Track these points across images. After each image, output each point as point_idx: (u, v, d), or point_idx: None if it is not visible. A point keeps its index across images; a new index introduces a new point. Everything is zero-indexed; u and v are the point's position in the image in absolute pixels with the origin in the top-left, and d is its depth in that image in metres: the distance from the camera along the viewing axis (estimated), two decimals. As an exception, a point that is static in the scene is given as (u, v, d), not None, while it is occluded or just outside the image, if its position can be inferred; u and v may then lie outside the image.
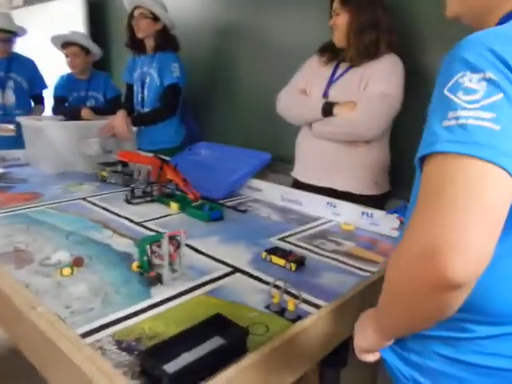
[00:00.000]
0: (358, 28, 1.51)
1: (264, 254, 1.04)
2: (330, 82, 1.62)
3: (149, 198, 1.52)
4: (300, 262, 1.00)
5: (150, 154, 1.79)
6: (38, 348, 0.66)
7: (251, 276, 0.96)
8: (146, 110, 2.35)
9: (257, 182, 1.64)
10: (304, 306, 0.82)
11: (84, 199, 1.51)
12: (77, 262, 0.96)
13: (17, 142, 2.29)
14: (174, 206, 1.44)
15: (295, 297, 0.82)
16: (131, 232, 1.21)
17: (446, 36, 1.54)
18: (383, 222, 1.25)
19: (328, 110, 1.55)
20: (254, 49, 2.30)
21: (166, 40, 2.25)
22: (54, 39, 2.52)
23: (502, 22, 0.59)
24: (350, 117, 1.51)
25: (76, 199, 1.51)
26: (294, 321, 0.77)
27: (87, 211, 1.38)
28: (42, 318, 0.65)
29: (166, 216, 1.38)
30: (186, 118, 2.46)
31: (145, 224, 1.28)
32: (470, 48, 0.49)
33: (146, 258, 0.93)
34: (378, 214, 1.28)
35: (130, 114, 2.19)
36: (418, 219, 0.47)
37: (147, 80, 2.33)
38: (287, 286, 0.83)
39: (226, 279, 0.94)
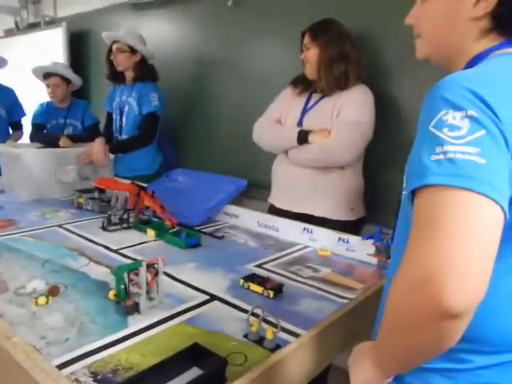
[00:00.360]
0: (327, 61, 1.60)
1: (241, 281, 1.05)
2: (304, 111, 1.69)
3: (125, 225, 1.53)
4: (278, 289, 1.02)
5: (128, 181, 1.80)
6: (13, 379, 0.65)
7: (229, 304, 0.97)
8: (124, 137, 2.37)
9: (233, 208, 1.67)
10: (282, 335, 0.82)
11: (60, 226, 1.50)
12: (52, 291, 0.95)
13: None
14: (151, 232, 1.45)
15: (274, 325, 0.82)
16: (107, 260, 1.20)
17: (410, 68, 1.66)
18: (359, 248, 1.28)
19: (303, 137, 1.61)
20: (231, 79, 2.38)
21: (145, 71, 2.31)
22: (36, 70, 2.54)
23: (470, 64, 0.64)
24: (324, 144, 1.57)
25: (52, 226, 1.50)
26: (272, 350, 0.77)
27: (63, 238, 1.37)
28: (18, 348, 0.64)
29: (142, 243, 1.38)
30: (163, 146, 2.49)
31: (121, 251, 1.28)
32: (450, 88, 0.52)
33: (122, 287, 0.93)
34: (354, 239, 1.31)
35: (108, 142, 2.21)
36: (412, 249, 0.48)
37: (126, 108, 2.37)
38: (265, 313, 0.83)
39: (204, 307, 0.95)
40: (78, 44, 3.35)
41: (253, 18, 2.23)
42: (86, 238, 1.38)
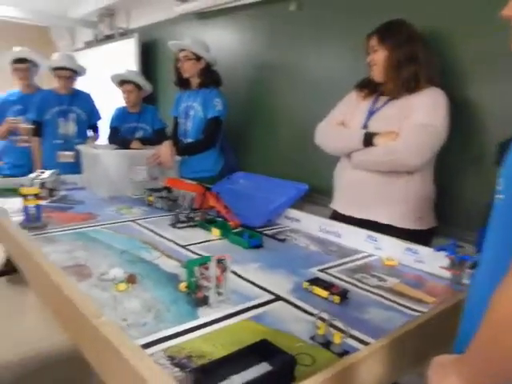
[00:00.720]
0: (395, 63, 1.55)
1: (306, 284, 1.07)
2: (370, 114, 1.65)
3: (192, 223, 1.60)
4: (343, 295, 1.01)
5: (193, 182, 1.89)
6: (101, 355, 0.73)
7: (293, 305, 0.99)
8: (189, 140, 2.48)
9: (294, 212, 1.69)
10: (350, 341, 0.82)
11: (133, 221, 1.61)
12: (131, 279, 1.03)
13: (75, 167, 2.47)
14: (216, 231, 1.51)
15: (340, 330, 0.82)
16: (177, 254, 1.28)
17: (489, 71, 1.57)
18: (430, 260, 1.22)
19: (368, 139, 1.57)
20: (292, 83, 2.41)
21: (209, 77, 2.42)
22: (114, 77, 2.75)
23: None
24: (391, 146, 1.52)
25: (126, 221, 1.61)
26: (340, 355, 0.77)
27: (137, 232, 1.47)
28: (106, 326, 0.71)
29: (208, 241, 1.44)
30: (225, 149, 2.57)
31: (189, 247, 1.36)
32: None
33: (193, 280, 0.99)
34: (423, 250, 1.25)
35: (175, 145, 2.33)
36: None
37: (191, 113, 2.48)
38: (332, 318, 0.84)
39: (269, 306, 0.98)
40: (148, 53, 3.57)
41: (315, 22, 2.25)
42: (157, 234, 1.47)
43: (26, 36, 4.89)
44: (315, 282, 1.07)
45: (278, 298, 1.02)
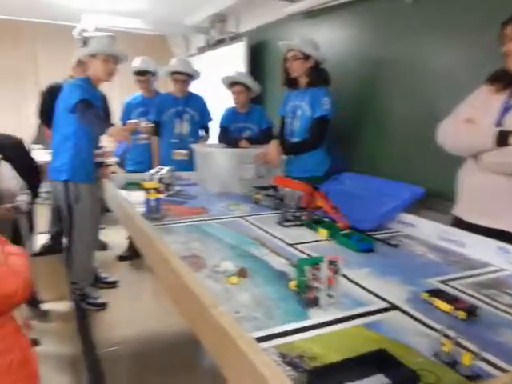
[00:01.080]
0: None
1: (425, 295, 0.98)
2: (505, 109, 1.44)
3: (298, 222, 1.59)
4: (471, 312, 0.90)
5: (301, 182, 1.87)
6: (218, 344, 0.75)
7: (411, 316, 0.91)
8: (296, 139, 2.48)
9: (409, 217, 1.57)
10: (480, 364, 0.73)
11: (242, 217, 1.66)
12: (242, 273, 1.06)
13: (189, 164, 2.65)
14: (323, 232, 1.47)
15: (469, 350, 0.73)
16: (285, 252, 1.27)
17: None
18: None
19: (503, 138, 1.38)
20: (405, 79, 2.25)
21: (318, 76, 2.38)
22: (224, 79, 2.89)
23: None
24: None
25: (235, 217, 1.66)
26: (470, 378, 0.69)
27: (245, 228, 1.51)
28: (224, 316, 0.73)
29: (315, 241, 1.42)
30: (332, 148, 2.51)
31: (296, 246, 1.34)
32: None
33: (303, 279, 0.97)
34: None
35: (281, 144, 2.34)
36: None
37: (298, 112, 2.47)
38: (458, 335, 0.75)
39: (384, 314, 0.91)
40: (256, 55, 3.66)
41: (434, 13, 2.07)
42: (265, 231, 1.49)
43: (148, 45, 5.42)
44: (436, 293, 0.97)
45: (393, 306, 0.95)
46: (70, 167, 2.37)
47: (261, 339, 0.78)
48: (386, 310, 0.94)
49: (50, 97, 2.81)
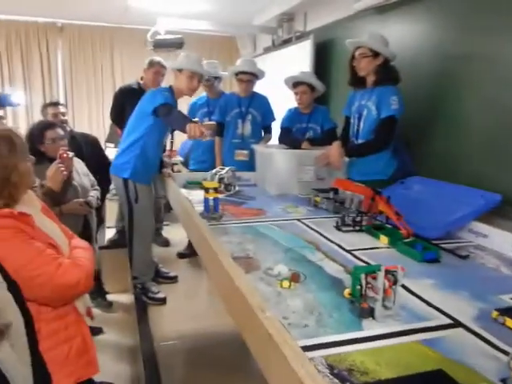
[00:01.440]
0: None
1: (495, 314, 0.89)
2: None
3: (358, 228, 1.53)
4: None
5: (363, 185, 1.80)
6: (262, 348, 0.74)
7: (477, 335, 0.83)
8: (360, 141, 2.38)
9: (481, 226, 1.44)
10: None
11: (299, 220, 1.63)
12: (294, 278, 1.03)
13: (249, 165, 2.67)
14: (384, 239, 1.40)
15: None
16: (341, 258, 1.23)
17: None
18: None
19: None
20: (486, 75, 2.06)
21: (386, 73, 2.25)
22: (287, 80, 2.86)
23: None
24: None
25: (292, 219, 1.64)
26: None
27: (302, 232, 1.48)
28: (270, 322, 0.72)
29: (374, 248, 1.35)
30: (399, 151, 2.38)
31: (354, 252, 1.29)
32: None
33: (358, 287, 0.92)
34: None
35: (344, 145, 2.27)
36: None
37: (364, 112, 2.37)
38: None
39: (446, 331, 0.85)
40: (322, 53, 3.59)
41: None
42: (322, 235, 1.45)
43: (217, 46, 5.57)
44: (509, 312, 0.88)
45: (457, 323, 0.88)
46: (132, 167, 2.45)
47: (309, 348, 0.75)
48: (448, 326, 0.87)
49: (121, 98, 2.99)
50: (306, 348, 0.75)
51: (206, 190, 1.60)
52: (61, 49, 5.03)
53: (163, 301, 2.56)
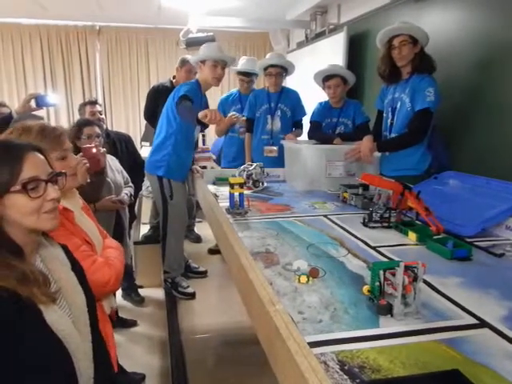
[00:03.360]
0: None
1: (525, 314, 0.84)
2: None
3: (386, 224, 1.48)
4: None
5: (392, 180, 1.74)
6: (270, 341, 0.73)
7: (504, 337, 0.79)
8: (393, 135, 2.31)
9: (521, 224, 1.36)
10: None
11: (325, 216, 1.60)
12: (313, 273, 1.02)
13: (278, 161, 2.66)
14: (413, 235, 1.35)
15: None
16: (365, 254, 1.20)
17: None
18: None
19: None
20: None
21: (423, 62, 2.16)
22: (316, 75, 2.80)
23: None
24: None
25: (319, 215, 1.62)
26: None
27: (327, 228, 1.45)
28: (278, 315, 0.71)
29: (402, 245, 1.31)
30: (434, 144, 2.27)
31: (379, 249, 1.25)
32: None
33: (377, 284, 0.90)
34: None
35: (376, 140, 2.20)
36: None
37: (398, 105, 2.29)
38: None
39: (470, 332, 0.80)
40: (356, 45, 3.50)
41: None
42: (347, 231, 1.42)
43: (250, 42, 5.58)
44: (541, 314, 0.82)
45: (483, 323, 0.83)
46: (166, 164, 2.50)
47: (320, 343, 0.74)
48: (473, 326, 0.83)
49: (154, 97, 3.06)
50: (318, 343, 0.73)
51: (232, 185, 1.60)
52: (99, 51, 5.23)
53: (192, 296, 2.60)
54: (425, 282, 0.98)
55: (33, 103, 2.00)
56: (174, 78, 3.26)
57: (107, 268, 1.16)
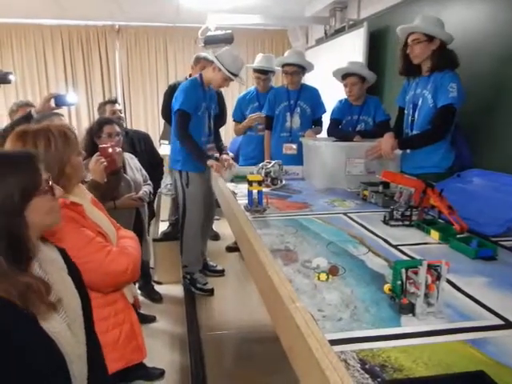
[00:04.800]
0: None
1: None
2: None
3: (407, 222, 1.46)
4: None
5: (414, 178, 1.71)
6: (290, 338, 0.73)
7: (532, 339, 0.76)
8: (415, 132, 2.26)
9: (548, 223, 1.32)
10: None
11: (345, 214, 1.59)
12: (332, 271, 1.01)
13: (297, 159, 2.65)
14: (435, 234, 1.32)
15: None
16: (386, 253, 1.18)
17: None
18: None
19: None
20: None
21: (443, 58, 2.10)
22: (335, 72, 2.78)
23: None
24: None
25: (338, 213, 1.60)
26: None
27: (347, 226, 1.44)
28: (299, 312, 0.70)
29: (423, 243, 1.28)
30: (457, 142, 2.22)
31: (400, 248, 1.23)
32: None
33: (399, 283, 0.88)
34: None
35: (397, 137, 2.17)
36: None
37: (419, 102, 2.24)
38: None
39: (495, 332, 0.78)
40: (376, 42, 3.45)
41: None
42: (368, 229, 1.40)
43: (268, 39, 5.56)
44: None
45: (508, 324, 0.81)
46: (181, 158, 2.66)
47: (340, 341, 0.73)
48: (499, 327, 0.80)
49: (170, 96, 3.07)
50: (338, 341, 0.73)
51: (250, 183, 1.60)
52: (118, 50, 5.30)
53: (211, 292, 2.62)
54: (448, 281, 0.96)
55: (52, 103, 2.04)
56: (190, 75, 3.28)
57: (123, 257, 1.18)
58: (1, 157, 0.83)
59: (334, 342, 0.72)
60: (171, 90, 3.22)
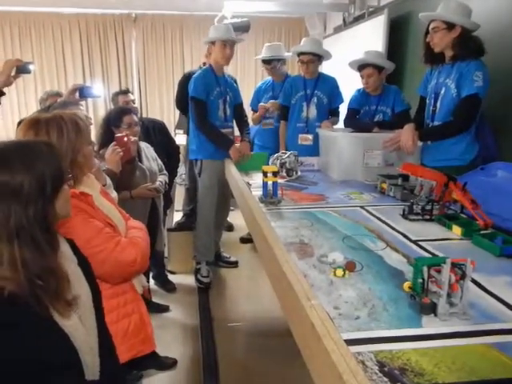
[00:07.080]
0: None
1: None
2: None
3: (427, 217, 1.40)
4: None
5: (435, 170, 1.65)
6: (305, 337, 0.70)
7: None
8: (436, 123, 2.18)
9: None
10: None
11: (362, 207, 1.54)
12: (349, 266, 0.97)
13: (313, 150, 2.59)
14: (457, 229, 1.27)
15: None
16: (405, 248, 1.13)
17: None
18: None
19: None
20: None
21: (466, 47, 2.01)
22: (351, 64, 2.70)
23: None
24: None
25: (355, 206, 1.56)
26: None
27: (364, 219, 1.39)
28: (314, 311, 0.67)
29: (445, 239, 1.23)
30: (481, 133, 2.13)
31: (420, 243, 1.18)
32: None
33: (420, 281, 0.84)
34: None
35: (418, 128, 2.09)
36: None
37: (442, 91, 2.15)
38: None
39: (524, 335, 0.74)
40: (397, 29, 3.33)
41: None
42: (386, 223, 1.36)
43: (285, 27, 5.46)
44: None
45: (539, 328, 0.76)
46: (196, 147, 2.69)
47: (358, 341, 0.70)
48: (528, 330, 0.75)
49: (184, 85, 3.04)
50: (355, 341, 0.69)
51: (265, 174, 1.57)
52: (135, 39, 5.27)
53: (207, 286, 2.65)
54: (472, 280, 0.91)
55: (77, 94, 2.03)
56: (204, 64, 3.23)
57: (132, 247, 1.17)
58: (23, 145, 0.81)
59: (350, 342, 0.68)
60: (185, 80, 3.20)
